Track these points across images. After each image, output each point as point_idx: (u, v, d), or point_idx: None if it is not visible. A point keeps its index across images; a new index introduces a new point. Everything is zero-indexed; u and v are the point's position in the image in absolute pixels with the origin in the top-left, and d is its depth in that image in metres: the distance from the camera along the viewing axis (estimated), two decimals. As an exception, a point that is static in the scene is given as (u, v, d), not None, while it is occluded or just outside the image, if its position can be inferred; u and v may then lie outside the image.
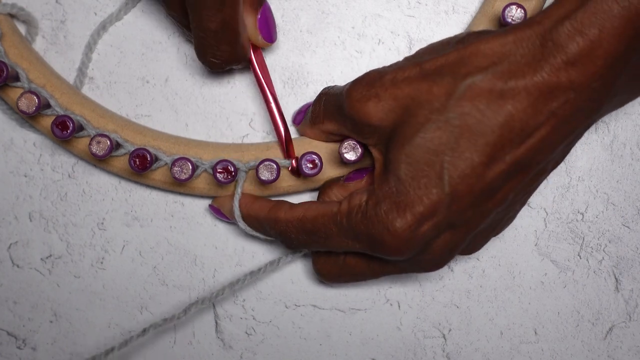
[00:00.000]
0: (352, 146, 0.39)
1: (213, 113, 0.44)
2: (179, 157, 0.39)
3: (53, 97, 0.41)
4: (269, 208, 0.40)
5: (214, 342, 0.45)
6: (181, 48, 0.44)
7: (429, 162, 0.34)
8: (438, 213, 0.34)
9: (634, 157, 0.45)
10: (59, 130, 0.39)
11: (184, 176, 0.39)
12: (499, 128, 0.33)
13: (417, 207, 0.34)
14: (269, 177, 0.39)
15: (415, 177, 0.34)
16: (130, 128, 0.41)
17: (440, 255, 0.37)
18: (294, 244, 0.39)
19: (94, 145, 0.39)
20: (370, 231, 0.35)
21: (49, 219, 0.44)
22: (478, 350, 0.45)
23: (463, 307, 0.45)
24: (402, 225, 0.34)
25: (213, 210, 0.43)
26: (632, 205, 0.45)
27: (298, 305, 0.45)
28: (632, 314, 0.45)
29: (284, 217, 0.39)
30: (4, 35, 0.41)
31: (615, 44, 0.32)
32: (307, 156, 0.39)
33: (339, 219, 0.37)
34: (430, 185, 0.34)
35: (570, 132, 0.34)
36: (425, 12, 0.44)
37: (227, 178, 0.39)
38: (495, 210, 0.36)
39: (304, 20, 0.44)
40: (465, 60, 0.34)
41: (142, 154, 0.39)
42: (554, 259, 0.45)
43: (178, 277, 0.44)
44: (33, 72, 0.41)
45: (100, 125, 0.41)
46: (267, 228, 0.40)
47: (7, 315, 0.44)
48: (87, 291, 0.44)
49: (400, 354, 0.45)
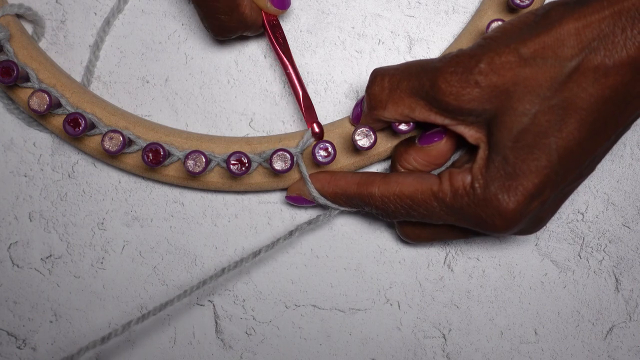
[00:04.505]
0: (365, 133, 0.39)
1: (213, 113, 0.44)
2: (192, 151, 0.39)
3: (64, 96, 0.41)
4: (357, 183, 0.40)
5: (214, 342, 0.45)
6: (181, 48, 0.44)
7: (537, 144, 0.35)
8: (546, 190, 0.35)
9: (634, 157, 0.45)
10: (71, 128, 0.39)
11: (197, 169, 0.39)
12: (603, 103, 0.34)
13: (528, 188, 0.35)
14: (283, 167, 0.39)
15: (525, 159, 0.35)
16: (142, 125, 0.42)
17: (542, 221, 0.38)
18: (392, 215, 0.40)
19: (107, 142, 0.39)
20: (479, 213, 0.36)
21: (49, 219, 0.44)
22: (478, 350, 0.45)
23: (463, 307, 0.45)
24: (515, 207, 0.35)
25: (292, 200, 0.43)
26: (632, 205, 0.45)
27: (298, 305, 0.45)
28: (632, 314, 0.45)
29: (378, 193, 0.39)
30: (13, 37, 0.41)
31: None
32: (320, 144, 0.39)
33: (441, 197, 0.37)
34: (540, 166, 0.35)
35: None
36: (425, 12, 0.44)
37: (241, 169, 0.39)
38: (590, 173, 0.38)
39: (304, 20, 0.44)
40: (564, 41, 0.34)
41: (155, 149, 0.39)
42: (554, 259, 0.45)
43: (178, 277, 0.44)
44: (43, 72, 0.41)
45: (111, 123, 0.41)
46: (360, 204, 0.40)
47: (7, 315, 0.44)
48: (87, 291, 0.44)
49: (400, 354, 0.45)
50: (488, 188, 0.36)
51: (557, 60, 0.34)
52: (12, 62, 0.39)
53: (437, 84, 0.36)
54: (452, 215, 0.37)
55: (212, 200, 0.44)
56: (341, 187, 0.40)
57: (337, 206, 0.41)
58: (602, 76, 0.34)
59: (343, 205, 0.41)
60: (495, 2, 0.41)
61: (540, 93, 0.34)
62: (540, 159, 0.35)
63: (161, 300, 0.44)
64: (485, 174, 0.36)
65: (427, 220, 0.39)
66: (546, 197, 0.36)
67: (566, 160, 0.35)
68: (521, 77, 0.34)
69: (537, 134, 0.35)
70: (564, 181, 0.36)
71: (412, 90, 0.37)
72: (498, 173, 0.36)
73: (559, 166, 0.35)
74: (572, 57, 0.34)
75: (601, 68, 0.34)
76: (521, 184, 0.35)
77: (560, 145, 0.35)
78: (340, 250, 0.45)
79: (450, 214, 0.37)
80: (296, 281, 0.45)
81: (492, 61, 0.35)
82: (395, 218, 0.40)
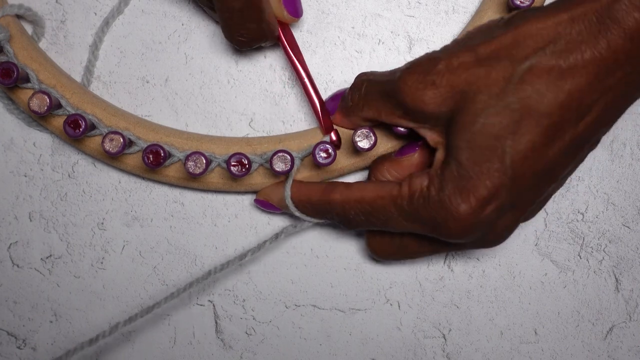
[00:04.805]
0: (365, 134, 0.39)
1: (213, 113, 0.44)
2: (193, 152, 0.39)
3: (64, 97, 0.41)
4: (321, 190, 0.40)
5: (214, 342, 0.45)
6: (181, 48, 0.44)
7: (491, 147, 0.34)
8: (500, 195, 0.35)
9: (634, 157, 0.45)
10: (71, 129, 0.39)
11: (198, 170, 0.39)
12: (559, 108, 0.33)
13: (480, 191, 0.34)
14: (283, 168, 0.39)
15: (478, 161, 0.34)
16: (143, 125, 0.42)
17: (501, 233, 0.37)
18: (352, 224, 0.39)
19: (107, 143, 0.39)
20: (433, 216, 0.36)
21: (49, 219, 0.44)
22: (478, 350, 0.45)
23: (463, 307, 0.45)
24: (467, 210, 0.35)
25: (259, 204, 0.43)
26: (632, 205, 0.45)
27: (298, 305, 0.45)
28: (632, 314, 0.45)
29: (339, 198, 0.39)
30: (13, 37, 0.41)
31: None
32: (320, 145, 0.39)
33: (400, 202, 0.37)
34: (492, 169, 0.34)
35: (626, 106, 0.35)
36: (425, 12, 0.44)
37: (241, 171, 0.39)
38: (554, 184, 0.37)
39: (304, 20, 0.44)
40: (520, 42, 0.34)
41: (155, 150, 0.39)
42: (554, 259, 0.45)
43: (178, 277, 0.44)
44: (43, 73, 0.41)
45: (112, 124, 0.41)
46: (322, 211, 0.40)
47: (7, 315, 0.44)
48: (87, 291, 0.44)
49: (400, 354, 0.45)
50: (443, 190, 0.35)
51: (510, 61, 0.34)
52: (12, 64, 0.39)
53: (398, 85, 0.36)
54: (409, 221, 0.37)
55: (212, 200, 0.44)
56: (305, 194, 0.40)
57: (303, 215, 0.41)
58: (556, 79, 0.33)
59: (309, 213, 0.41)
60: (496, 2, 0.41)
61: (492, 93, 0.34)
62: (493, 161, 0.34)
63: (161, 300, 0.44)
64: (440, 177, 0.36)
65: (388, 227, 0.38)
66: (500, 204, 0.35)
67: (520, 165, 0.34)
68: (475, 77, 0.34)
69: (491, 136, 0.34)
70: (519, 188, 0.35)
71: (380, 93, 0.38)
72: (452, 175, 0.35)
73: (512, 170, 0.34)
74: (525, 58, 0.33)
75: (555, 70, 0.33)
76: (474, 187, 0.34)
77: (514, 148, 0.34)
78: (340, 250, 0.45)
79: (408, 219, 0.37)
80: (296, 281, 0.45)
81: (450, 62, 0.35)
82: (357, 226, 0.39)
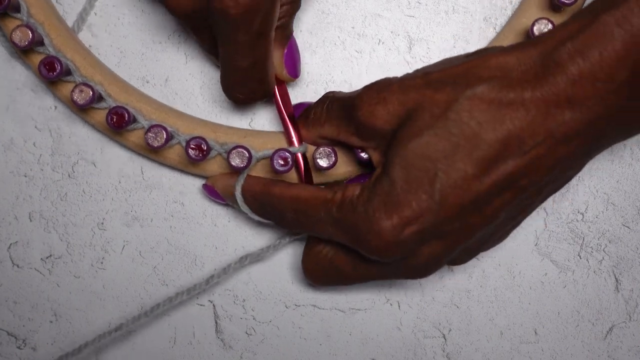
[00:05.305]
0: (327, 153, 0.39)
1: (213, 113, 0.44)
2: (156, 124, 0.39)
3: (48, 36, 0.41)
4: (264, 183, 0.40)
5: (214, 342, 0.45)
6: (181, 48, 0.44)
7: (423, 168, 0.34)
8: (424, 220, 0.34)
9: (634, 157, 0.45)
10: (45, 71, 0.39)
11: (156, 144, 0.39)
12: (495, 142, 0.33)
13: (404, 210, 0.34)
14: (239, 164, 0.39)
15: (408, 180, 0.34)
16: (117, 84, 0.41)
17: (425, 263, 0.37)
18: (285, 221, 0.39)
19: (76, 93, 0.39)
20: (356, 225, 0.36)
21: (49, 219, 0.44)
22: (478, 350, 0.45)
23: (463, 307, 0.45)
24: (387, 226, 0.34)
25: (206, 190, 0.42)
26: (632, 205, 0.45)
27: (298, 305, 0.45)
28: (632, 314, 0.45)
29: (278, 192, 0.39)
30: None
31: (617, 68, 0.32)
32: (280, 152, 0.39)
33: (330, 206, 0.37)
34: (420, 190, 0.34)
35: (568, 156, 0.34)
36: (425, 12, 0.44)
37: (198, 156, 0.39)
38: (484, 225, 0.36)
39: (304, 20, 0.44)
40: (469, 72, 0.34)
41: (120, 112, 0.39)
42: (554, 259, 0.45)
43: (178, 277, 0.44)
44: (35, 7, 0.41)
45: (87, 74, 0.41)
46: (263, 204, 0.40)
47: (7, 315, 0.44)
48: (87, 291, 0.45)
49: (400, 354, 0.45)
50: (369, 203, 0.35)
51: (455, 86, 0.34)
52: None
53: (355, 100, 0.37)
54: (334, 227, 0.37)
55: (212, 200, 0.44)
56: (249, 184, 0.40)
57: (248, 210, 0.41)
58: (496, 112, 0.33)
59: (253, 207, 0.40)
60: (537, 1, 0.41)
61: (434, 114, 0.34)
62: (423, 183, 0.34)
63: (161, 300, 0.44)
64: (371, 189, 0.36)
65: (314, 231, 0.38)
66: (423, 228, 0.35)
67: (449, 192, 0.34)
68: (422, 97, 0.35)
69: (425, 156, 0.34)
70: (446, 216, 0.34)
71: (341, 109, 0.38)
72: (382, 190, 0.35)
73: (440, 196, 0.34)
74: (469, 86, 0.33)
75: (495, 103, 0.33)
76: (399, 206, 0.34)
77: (445, 173, 0.34)
78: (340, 250, 0.45)
79: (334, 225, 0.37)
80: (296, 281, 0.45)
81: (403, 83, 0.36)
82: (288, 225, 0.39)
